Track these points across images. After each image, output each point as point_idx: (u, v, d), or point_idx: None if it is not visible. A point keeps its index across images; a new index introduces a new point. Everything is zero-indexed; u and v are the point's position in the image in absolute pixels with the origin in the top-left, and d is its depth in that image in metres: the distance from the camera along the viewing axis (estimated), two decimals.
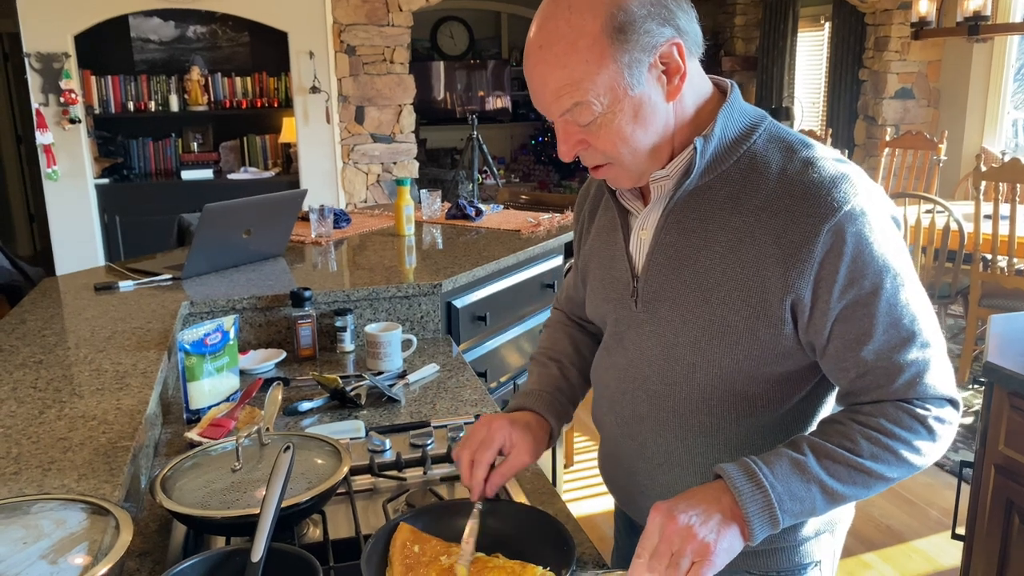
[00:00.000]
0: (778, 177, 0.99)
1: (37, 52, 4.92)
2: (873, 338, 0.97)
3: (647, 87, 0.97)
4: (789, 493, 0.93)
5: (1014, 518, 1.85)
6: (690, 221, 1.05)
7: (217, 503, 1.15)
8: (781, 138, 1.03)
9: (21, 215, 7.68)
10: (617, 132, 0.99)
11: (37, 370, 1.59)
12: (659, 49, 0.96)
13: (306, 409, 1.71)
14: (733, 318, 1.01)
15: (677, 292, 1.06)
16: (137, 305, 2.06)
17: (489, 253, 2.56)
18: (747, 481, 0.93)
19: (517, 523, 1.13)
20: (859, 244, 0.95)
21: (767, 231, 0.98)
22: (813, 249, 0.95)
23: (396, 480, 1.40)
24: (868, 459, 0.96)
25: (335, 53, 5.33)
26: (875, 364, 0.98)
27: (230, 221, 2.34)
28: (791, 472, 0.94)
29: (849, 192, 0.96)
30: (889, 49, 6.15)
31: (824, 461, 0.95)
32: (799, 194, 0.97)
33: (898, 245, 0.99)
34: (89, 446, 1.26)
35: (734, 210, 1.01)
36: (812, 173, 0.98)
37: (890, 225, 0.99)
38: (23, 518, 1.01)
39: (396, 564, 1.03)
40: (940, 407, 1.00)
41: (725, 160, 1.03)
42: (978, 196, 4.00)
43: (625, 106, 0.97)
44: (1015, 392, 1.81)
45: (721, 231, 1.02)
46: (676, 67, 0.97)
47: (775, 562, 1.15)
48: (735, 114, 1.04)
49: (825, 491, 0.95)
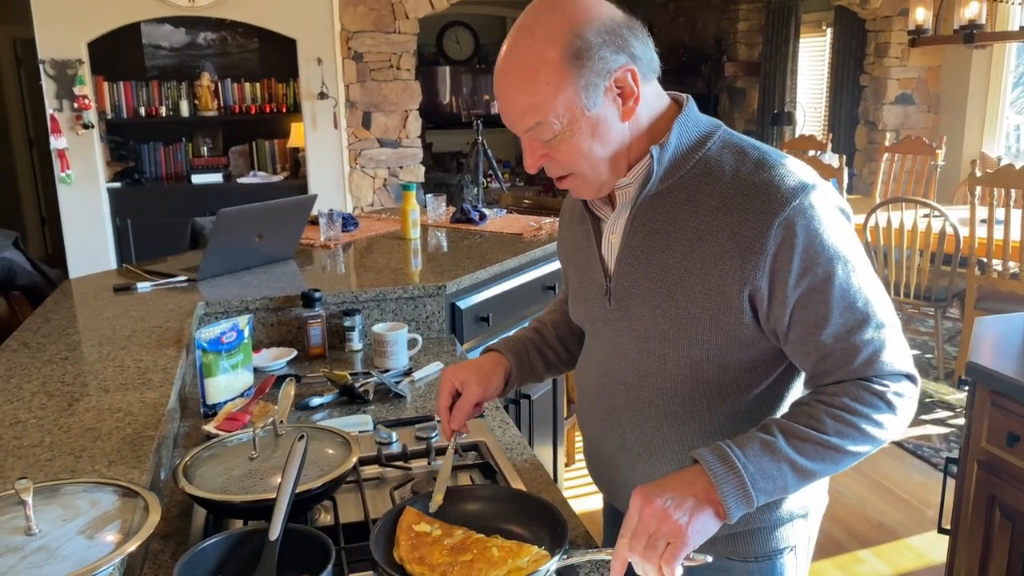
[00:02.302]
0: (731, 178, 1.08)
1: (52, 59, 5.02)
2: (830, 322, 1.04)
3: (603, 108, 1.06)
4: (761, 472, 1.00)
5: (996, 512, 1.93)
6: (654, 223, 1.13)
7: (236, 488, 1.23)
8: (734, 144, 1.12)
9: (33, 218, 7.80)
10: (576, 148, 1.09)
11: (64, 366, 1.68)
12: (613, 74, 1.05)
13: (317, 404, 1.79)
14: (697, 311, 1.10)
15: (645, 289, 1.15)
16: (155, 305, 2.15)
17: (492, 256, 2.65)
18: (721, 463, 1.00)
19: (515, 508, 1.22)
20: (809, 235, 1.03)
21: (723, 228, 1.07)
22: (766, 243, 1.04)
23: (402, 470, 1.49)
24: (834, 436, 1.03)
25: (343, 60, 5.43)
26: (834, 346, 1.05)
27: (243, 225, 2.43)
28: (762, 453, 1.01)
29: (797, 188, 1.04)
30: (889, 55, 6.22)
31: (793, 440, 1.02)
32: (751, 192, 1.06)
33: (847, 234, 1.07)
34: (117, 435, 1.35)
35: (692, 211, 1.10)
36: (763, 173, 1.07)
37: (838, 217, 1.07)
38: (61, 498, 1.10)
39: (402, 543, 1.11)
40: (897, 382, 1.06)
41: (682, 166, 1.12)
42: (973, 201, 4.07)
43: (582, 125, 1.06)
44: (996, 391, 1.88)
45: (682, 231, 1.11)
46: (630, 91, 1.07)
47: (752, 547, 1.22)
48: (690, 124, 1.13)
49: (795, 469, 1.02)
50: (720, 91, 8.65)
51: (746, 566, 1.23)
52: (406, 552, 1.09)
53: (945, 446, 3.71)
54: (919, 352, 4.93)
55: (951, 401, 4.19)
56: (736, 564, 1.23)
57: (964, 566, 2.02)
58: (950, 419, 3.99)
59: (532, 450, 1.59)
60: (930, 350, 4.87)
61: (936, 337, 4.47)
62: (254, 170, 5.81)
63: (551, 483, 1.45)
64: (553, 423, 2.96)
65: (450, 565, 1.06)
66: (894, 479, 3.43)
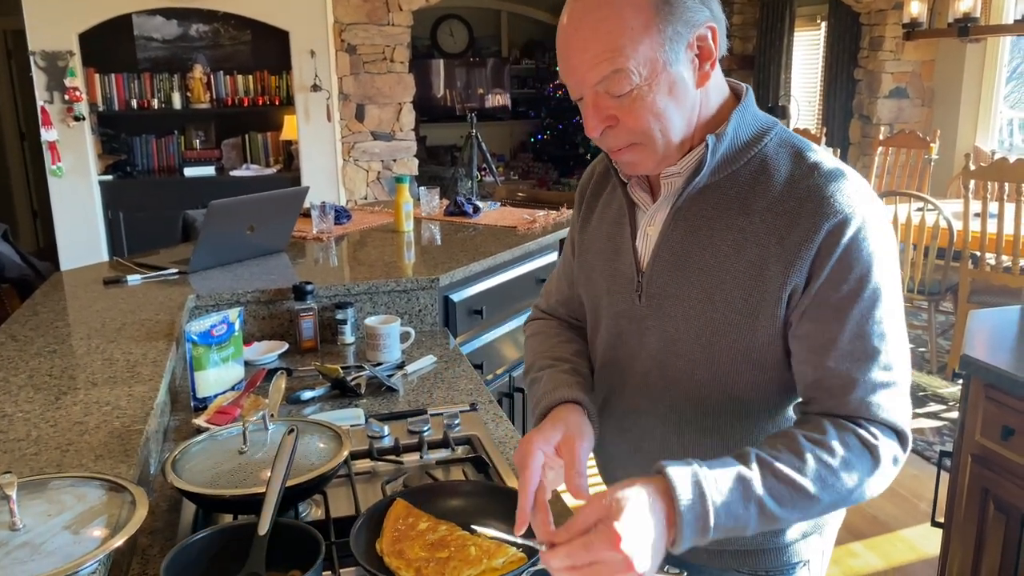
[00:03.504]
0: (786, 180, 1.01)
1: (42, 50, 4.99)
2: (837, 344, 0.98)
3: (681, 66, 0.97)
4: (727, 510, 0.89)
5: (989, 505, 1.92)
6: (697, 219, 1.06)
7: (225, 483, 1.22)
8: (791, 143, 1.05)
9: (25, 211, 7.75)
10: (651, 107, 0.98)
11: (52, 359, 1.66)
12: (698, 28, 0.97)
13: (308, 398, 1.78)
14: (735, 316, 1.03)
15: (681, 289, 1.07)
16: (145, 298, 2.13)
17: (486, 249, 2.63)
18: (691, 491, 0.88)
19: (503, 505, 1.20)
20: (851, 247, 0.97)
21: (771, 231, 1.00)
22: (811, 246, 0.98)
23: (394, 464, 1.47)
24: (815, 485, 0.93)
25: (336, 52, 5.40)
26: (833, 370, 0.98)
27: (234, 217, 2.41)
28: (735, 488, 0.90)
29: (854, 198, 0.98)
30: (884, 49, 6.21)
31: (769, 481, 0.92)
32: (804, 196, 0.99)
33: (890, 263, 1.00)
34: (104, 429, 1.33)
35: (741, 211, 1.03)
36: (819, 178, 1.00)
37: (888, 241, 1.00)
38: (46, 493, 1.09)
39: (387, 534, 1.10)
40: (888, 437, 0.98)
41: (736, 160, 1.04)
42: (967, 195, 4.07)
43: (662, 80, 0.97)
44: (990, 384, 1.88)
45: (727, 231, 1.03)
46: (708, 51, 0.98)
47: (763, 562, 1.16)
48: (748, 117, 1.05)
49: (763, 512, 0.92)
50: None
51: None
52: (387, 545, 1.09)
53: (938, 439, 3.71)
54: (912, 345, 4.93)
55: (944, 394, 4.20)
56: None
57: (957, 559, 2.02)
58: (943, 412, 3.99)
59: None
60: (923, 343, 4.88)
61: (929, 331, 4.48)
62: (247, 163, 5.78)
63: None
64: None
65: (426, 561, 1.05)
66: None
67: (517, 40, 9.57)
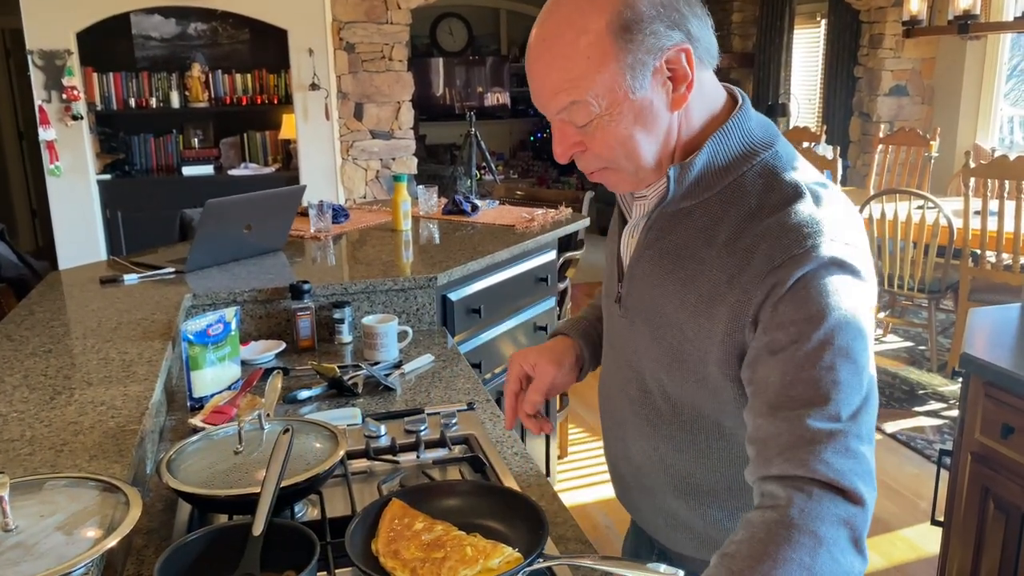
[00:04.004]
0: (752, 213, 0.95)
1: (40, 49, 4.98)
2: (773, 391, 0.89)
3: (650, 92, 0.93)
4: None
5: (989, 504, 1.92)
6: (667, 243, 1.02)
7: (220, 483, 1.21)
8: (774, 174, 0.97)
9: (23, 211, 7.75)
10: (614, 136, 0.96)
11: (47, 359, 1.65)
12: (666, 53, 0.92)
13: (305, 397, 1.77)
14: (688, 347, 1.00)
15: (648, 309, 1.05)
16: (141, 297, 2.12)
17: (484, 248, 2.63)
18: None
19: (500, 505, 1.19)
20: (799, 291, 0.88)
21: (724, 270, 0.95)
22: (758, 292, 0.91)
23: (391, 463, 1.46)
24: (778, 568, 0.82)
25: (334, 50, 5.39)
26: (768, 420, 0.89)
27: (231, 216, 2.41)
28: None
29: (818, 238, 0.90)
30: (884, 46, 6.20)
31: None
32: (762, 234, 0.93)
33: (852, 306, 0.89)
34: (99, 429, 1.32)
35: (706, 242, 0.98)
36: (783, 217, 0.92)
37: (853, 285, 0.90)
38: (39, 493, 1.08)
39: (383, 534, 1.09)
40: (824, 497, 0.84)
41: (709, 188, 0.99)
42: (967, 192, 4.06)
43: (624, 110, 0.94)
44: (990, 382, 1.87)
45: (690, 260, 0.99)
46: (683, 74, 0.93)
47: None
48: (733, 140, 0.98)
49: None
50: None
51: None
52: (383, 545, 1.08)
53: (938, 438, 3.71)
54: (912, 344, 4.93)
55: (944, 392, 4.19)
56: None
57: (957, 558, 2.01)
58: (943, 411, 3.99)
59: (524, 443, 1.58)
60: (923, 342, 4.87)
61: (929, 329, 4.47)
62: (245, 162, 5.78)
63: (542, 477, 1.43)
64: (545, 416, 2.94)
65: (421, 561, 1.04)
66: (887, 471, 3.43)
67: (516, 38, 9.56)
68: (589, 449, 3.67)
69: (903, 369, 4.53)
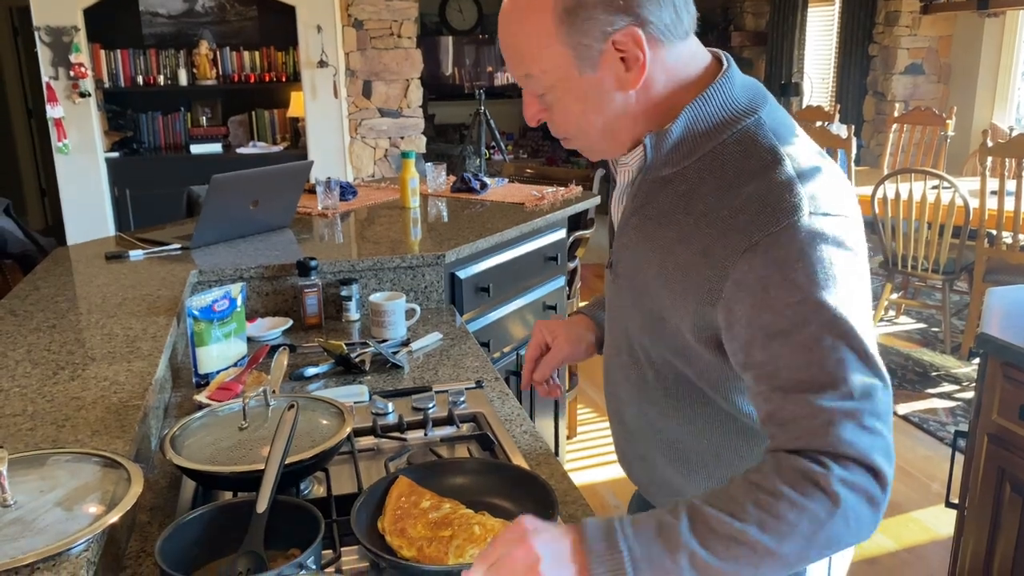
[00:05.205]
0: (730, 183, 0.93)
1: (47, 26, 4.94)
2: (784, 374, 0.87)
3: (599, 73, 0.95)
4: (648, 560, 0.82)
5: (1006, 486, 1.89)
6: (650, 209, 1.02)
7: (224, 459, 1.19)
8: (754, 140, 0.94)
9: (33, 189, 7.74)
10: (566, 110, 0.99)
11: (51, 334, 1.64)
12: (611, 37, 0.92)
13: (312, 374, 1.75)
14: (666, 315, 1.00)
15: (633, 274, 1.06)
16: (147, 273, 2.10)
17: (493, 225, 2.59)
18: (602, 541, 0.83)
19: (508, 483, 1.18)
20: (780, 273, 0.86)
21: (700, 240, 0.93)
22: (729, 269, 0.89)
23: (398, 441, 1.45)
24: (754, 530, 0.82)
25: (343, 27, 5.34)
26: (784, 402, 0.87)
27: (237, 192, 2.38)
28: (654, 538, 0.83)
29: (789, 210, 0.87)
30: (899, 24, 6.11)
31: (699, 529, 0.82)
32: (738, 205, 0.91)
33: (846, 280, 0.87)
34: (101, 405, 1.30)
35: (685, 210, 0.97)
36: (761, 188, 0.90)
37: (835, 253, 0.87)
38: (40, 469, 1.06)
39: (388, 512, 1.08)
40: (850, 470, 0.83)
41: (688, 155, 0.98)
42: (984, 172, 4.00)
43: (572, 87, 0.96)
44: (1008, 362, 1.84)
45: (670, 227, 0.98)
46: (634, 57, 0.93)
47: None
48: (712, 106, 0.97)
49: (695, 563, 0.81)
50: None
51: None
52: (389, 523, 1.06)
53: (951, 420, 3.67)
54: (926, 325, 4.88)
55: (957, 374, 4.15)
56: None
57: (972, 540, 1.99)
58: (956, 393, 3.95)
59: (533, 423, 1.55)
60: (937, 323, 4.82)
61: (943, 310, 4.42)
62: (253, 140, 5.74)
63: (551, 455, 1.41)
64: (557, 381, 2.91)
65: (428, 540, 1.02)
66: (900, 453, 3.39)
67: None
68: (598, 429, 3.65)
69: (916, 351, 4.48)
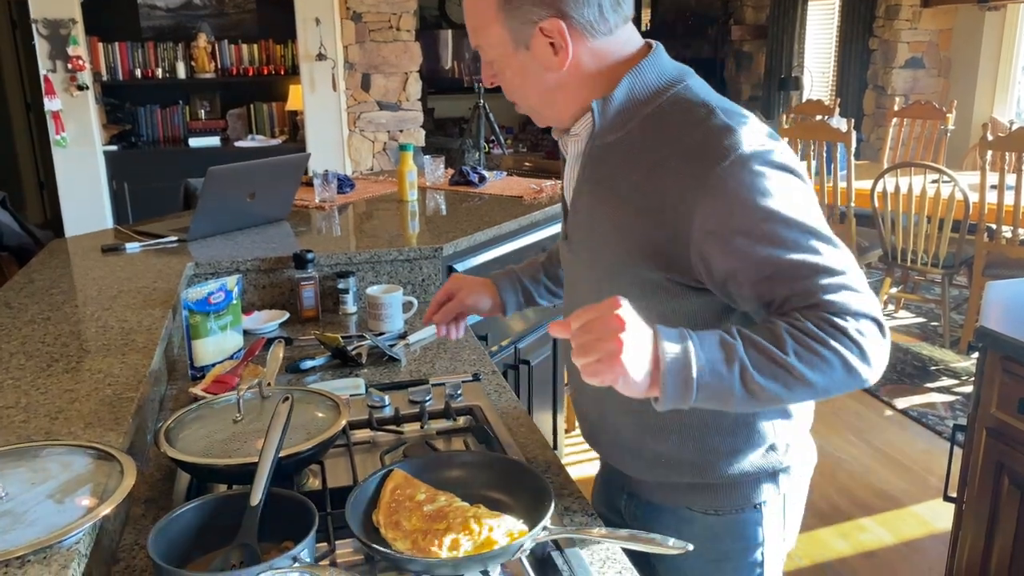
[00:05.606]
0: (674, 135, 1.05)
1: (44, 18, 4.92)
2: (774, 278, 0.98)
3: (532, 52, 1.09)
4: (711, 367, 0.93)
5: (1004, 479, 1.88)
6: (599, 173, 1.13)
7: (219, 452, 1.19)
8: (688, 99, 1.08)
9: (31, 183, 7.72)
10: (509, 82, 1.15)
11: (45, 326, 1.63)
12: (539, 24, 1.06)
13: (308, 367, 1.74)
14: (622, 265, 1.10)
15: (589, 237, 1.16)
16: (143, 266, 2.09)
17: (491, 218, 2.59)
18: (676, 338, 0.93)
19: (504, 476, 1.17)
20: (739, 198, 0.98)
21: (655, 186, 1.04)
22: (693, 206, 1.00)
23: (394, 434, 1.44)
24: (792, 357, 0.94)
25: (341, 20, 5.32)
26: (786, 294, 0.99)
27: (234, 184, 2.37)
28: (718, 348, 0.94)
29: (730, 147, 0.99)
30: (900, 18, 6.09)
31: (751, 350, 0.94)
32: (684, 150, 1.02)
33: (790, 194, 1.00)
34: (95, 397, 1.30)
35: (634, 166, 1.07)
36: (701, 130, 1.03)
37: (780, 176, 1.00)
38: (31, 461, 1.05)
39: (383, 505, 1.07)
40: (859, 320, 0.97)
41: (631, 118, 1.09)
42: (984, 166, 3.99)
43: (511, 62, 1.11)
44: (1008, 356, 1.83)
45: (622, 184, 1.09)
46: (560, 44, 1.07)
47: (716, 499, 1.20)
48: (648, 76, 1.10)
49: (745, 378, 0.93)
50: (726, 55, 8.50)
51: (706, 518, 1.22)
52: (384, 516, 1.06)
53: (950, 414, 3.67)
54: (925, 319, 4.88)
55: (956, 369, 4.14)
56: (696, 515, 1.22)
57: (970, 534, 1.98)
58: (955, 387, 3.94)
59: (531, 416, 1.55)
60: (936, 318, 4.81)
61: (943, 304, 4.42)
62: (252, 133, 5.73)
63: (548, 448, 1.40)
64: (553, 388, 2.91)
65: (423, 532, 1.01)
66: (898, 447, 3.40)
67: None
68: None
69: (915, 345, 4.48)
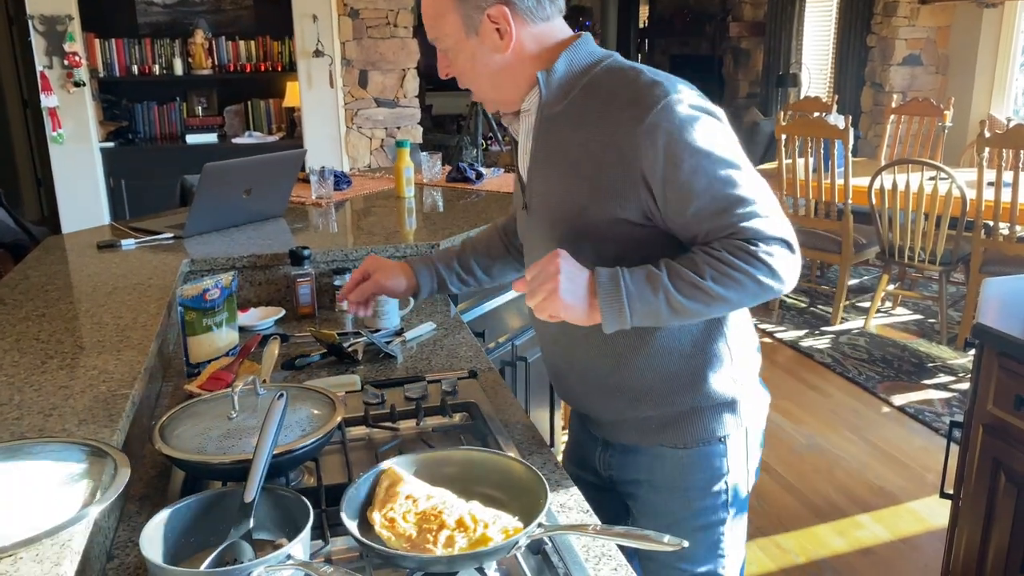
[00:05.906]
0: (608, 95, 1.21)
1: (40, 14, 4.91)
2: (702, 208, 1.15)
3: (481, 37, 1.24)
4: (639, 294, 1.15)
5: (1000, 476, 1.88)
6: (550, 143, 1.28)
7: (213, 449, 1.18)
8: (619, 66, 1.25)
9: (28, 180, 7.70)
10: (461, 68, 1.29)
11: (40, 323, 1.62)
12: (486, 11, 1.21)
13: (304, 364, 1.74)
14: (585, 212, 1.23)
15: (545, 201, 1.30)
16: (139, 262, 2.09)
17: (488, 215, 2.58)
18: (608, 278, 1.15)
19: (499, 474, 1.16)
20: (671, 136, 1.14)
21: (600, 140, 1.20)
22: (636, 149, 1.16)
23: (390, 431, 1.44)
24: (709, 281, 1.14)
25: (338, 16, 5.31)
26: (710, 226, 1.17)
27: (230, 180, 2.36)
28: (644, 281, 1.15)
29: (659, 95, 1.16)
30: (898, 15, 6.09)
31: (674, 279, 1.15)
32: (620, 105, 1.19)
33: (712, 132, 1.17)
34: (89, 394, 1.29)
35: (579, 128, 1.23)
36: (632, 87, 1.19)
37: (703, 117, 1.17)
38: (24, 458, 1.05)
39: (378, 503, 1.07)
40: (768, 244, 1.15)
41: (572, 87, 1.25)
42: (981, 163, 3.99)
43: (463, 48, 1.25)
44: (1004, 353, 1.83)
45: (572, 147, 1.24)
46: (504, 29, 1.23)
47: (685, 433, 1.34)
48: (581, 52, 1.26)
49: (669, 299, 1.15)
50: (724, 52, 8.50)
51: (676, 452, 1.35)
52: (379, 513, 1.05)
53: (947, 411, 3.67)
54: (922, 316, 4.88)
55: (953, 365, 4.15)
56: (667, 451, 1.36)
57: (967, 531, 1.98)
58: (952, 384, 3.95)
59: (527, 413, 1.54)
60: (933, 314, 4.82)
61: (940, 301, 4.42)
62: (249, 130, 5.72)
63: (544, 445, 1.40)
64: (550, 385, 2.91)
65: (418, 529, 1.01)
66: (895, 444, 3.40)
67: None
68: None
69: (912, 342, 4.48)
